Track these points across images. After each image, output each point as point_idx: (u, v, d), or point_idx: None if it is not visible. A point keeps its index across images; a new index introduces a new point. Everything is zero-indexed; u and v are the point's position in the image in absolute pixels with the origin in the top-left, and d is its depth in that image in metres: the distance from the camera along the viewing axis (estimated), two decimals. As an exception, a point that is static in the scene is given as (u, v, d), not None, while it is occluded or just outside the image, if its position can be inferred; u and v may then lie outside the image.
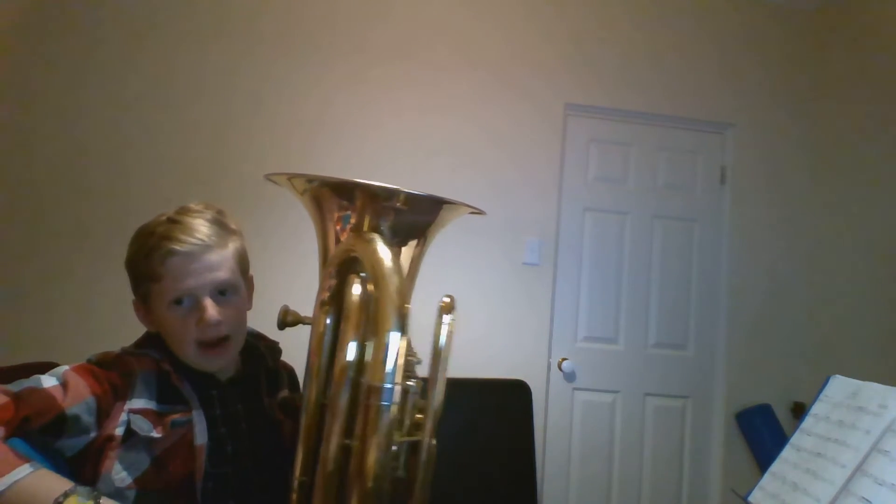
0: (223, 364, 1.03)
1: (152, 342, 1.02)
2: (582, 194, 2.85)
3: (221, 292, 0.99)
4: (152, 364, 0.98)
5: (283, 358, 1.18)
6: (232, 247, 1.02)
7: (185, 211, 1.00)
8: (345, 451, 0.84)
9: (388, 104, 2.69)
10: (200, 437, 0.95)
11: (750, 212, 2.91)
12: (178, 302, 0.96)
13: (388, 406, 0.77)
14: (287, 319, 1.00)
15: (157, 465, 0.92)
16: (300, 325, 1.02)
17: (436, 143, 2.70)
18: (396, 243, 0.92)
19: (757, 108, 2.94)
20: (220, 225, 1.01)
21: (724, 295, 2.88)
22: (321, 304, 0.94)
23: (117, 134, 2.53)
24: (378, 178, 0.90)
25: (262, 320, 1.14)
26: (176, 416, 0.95)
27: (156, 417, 0.93)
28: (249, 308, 1.06)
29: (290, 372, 1.18)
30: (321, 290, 0.94)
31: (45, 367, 0.96)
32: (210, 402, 0.99)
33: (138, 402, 0.94)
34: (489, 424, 1.95)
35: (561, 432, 2.72)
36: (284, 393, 1.13)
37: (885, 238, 2.58)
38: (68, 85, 2.52)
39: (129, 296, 1.03)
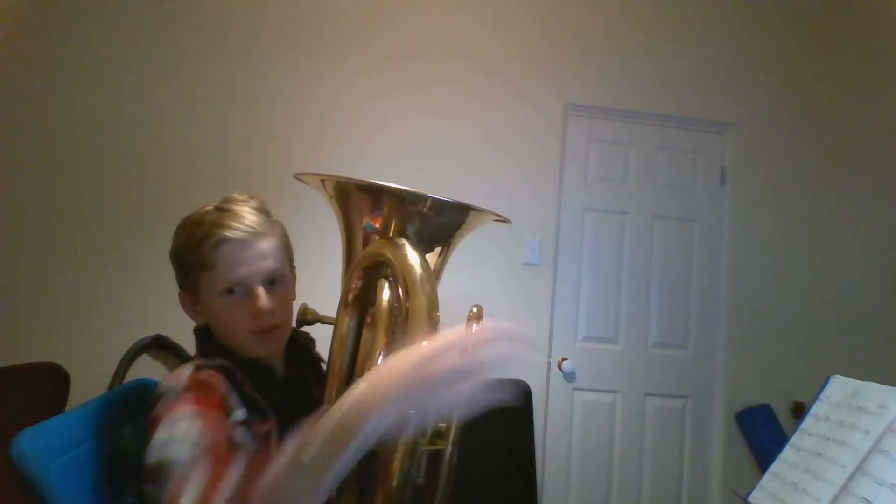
0: (275, 350, 1.01)
1: (212, 348, 0.99)
2: (582, 194, 2.85)
3: (271, 281, 0.98)
4: (224, 378, 0.94)
5: None
6: (279, 235, 1.02)
7: (231, 200, 1.00)
8: (369, 456, 0.83)
9: (389, 104, 2.69)
10: (275, 444, 0.92)
11: (750, 212, 2.91)
12: (230, 291, 0.95)
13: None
14: (306, 318, 1.00)
15: (249, 478, 0.91)
16: (315, 325, 1.02)
17: (436, 142, 2.70)
18: (421, 249, 0.91)
19: (757, 108, 2.94)
20: (266, 213, 1.01)
21: (724, 295, 2.88)
22: (345, 306, 0.93)
23: (117, 132, 2.53)
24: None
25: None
26: (264, 427, 0.93)
27: (250, 425, 0.92)
28: (294, 298, 1.05)
29: (322, 361, 1.16)
30: (345, 291, 0.94)
31: (45, 367, 0.95)
32: (275, 402, 0.97)
33: (236, 415, 0.91)
34: (489, 424, 1.95)
35: (561, 432, 2.72)
36: None
37: (885, 238, 2.58)
38: (68, 83, 2.51)
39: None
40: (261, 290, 0.95)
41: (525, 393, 2.09)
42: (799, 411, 2.74)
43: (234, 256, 0.94)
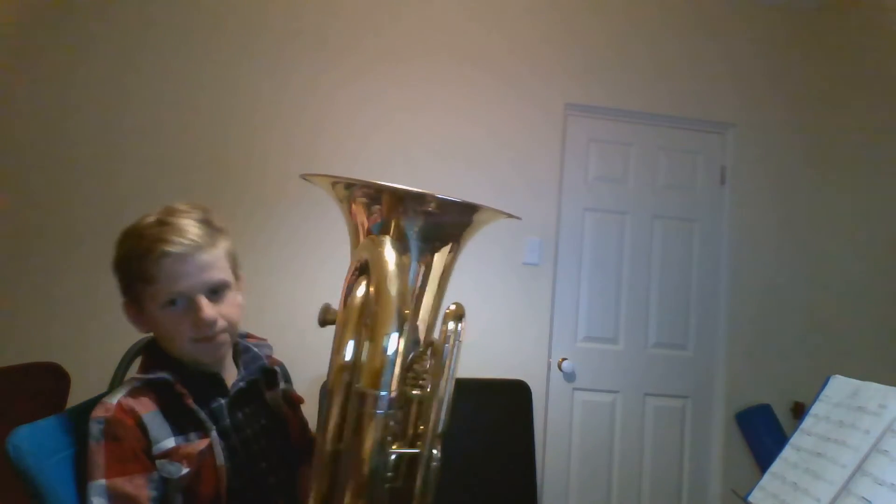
0: (218, 356, 1.03)
1: (157, 360, 1.01)
2: (582, 194, 2.85)
3: (214, 291, 0.99)
4: (155, 399, 0.96)
5: (303, 356, 1.19)
6: (222, 245, 1.02)
7: (172, 212, 1.00)
8: (336, 455, 0.82)
9: (389, 104, 2.69)
10: (220, 457, 0.96)
11: (750, 212, 2.90)
12: (172, 303, 0.96)
13: (382, 414, 0.75)
14: (327, 317, 0.99)
15: (188, 497, 0.93)
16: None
17: (436, 142, 2.70)
18: (429, 249, 0.90)
19: (757, 108, 2.94)
20: (209, 224, 1.01)
21: (724, 295, 2.88)
22: (343, 307, 0.94)
23: (115, 133, 2.53)
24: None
25: (290, 317, 1.14)
26: (199, 446, 0.95)
27: (178, 452, 0.93)
28: (241, 304, 1.05)
29: (281, 366, 1.19)
30: (344, 292, 0.94)
31: (45, 368, 0.96)
32: (218, 412, 0.99)
33: (161, 445, 0.93)
34: (489, 424, 1.95)
35: (561, 432, 2.72)
36: (283, 385, 1.14)
37: (884, 238, 2.58)
38: (64, 87, 2.51)
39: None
40: (203, 301, 0.97)
41: (525, 393, 2.09)
42: (799, 411, 2.74)
43: (175, 270, 0.95)
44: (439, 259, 0.98)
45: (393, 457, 0.84)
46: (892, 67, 2.62)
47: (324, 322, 1.00)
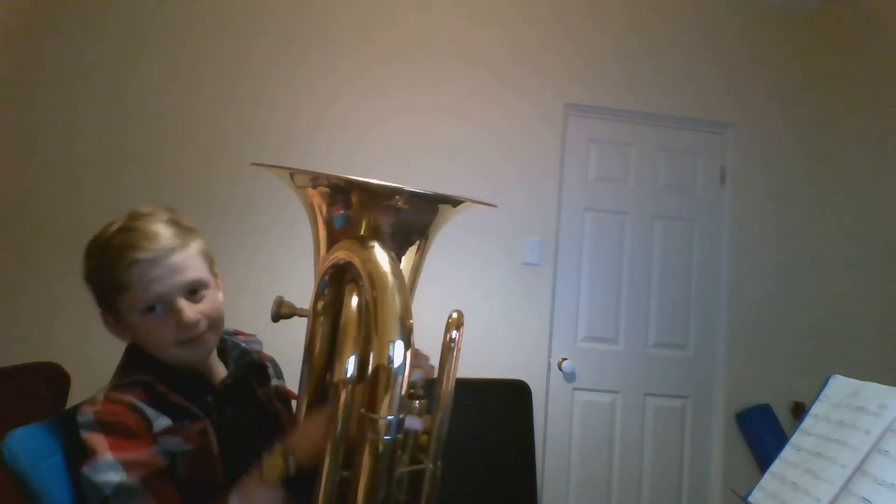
0: (204, 354, 1.01)
1: (137, 363, 0.99)
2: (582, 194, 2.85)
3: (192, 291, 0.97)
4: (142, 393, 0.95)
5: (276, 352, 1.19)
6: (193, 245, 0.99)
7: (137, 216, 0.97)
8: (343, 483, 0.77)
9: (388, 104, 2.69)
10: (215, 445, 0.95)
11: (750, 212, 2.91)
12: (151, 308, 0.94)
13: (391, 439, 0.72)
14: (282, 311, 0.95)
15: (189, 479, 0.92)
16: (292, 319, 0.97)
17: (436, 142, 2.70)
18: (397, 244, 0.86)
19: (757, 108, 2.94)
20: (177, 225, 0.99)
21: (724, 295, 2.88)
22: (314, 315, 0.90)
23: (117, 133, 2.53)
24: (377, 177, 0.88)
25: (256, 315, 1.14)
26: (198, 427, 0.94)
27: (178, 430, 0.93)
28: (222, 301, 1.04)
29: (273, 361, 1.18)
30: (315, 296, 0.90)
31: (45, 367, 0.95)
32: (205, 409, 0.98)
33: (159, 423, 0.92)
34: (489, 424, 1.95)
35: (561, 432, 2.72)
36: (275, 381, 1.13)
37: (884, 238, 2.58)
38: (68, 86, 2.51)
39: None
40: (183, 304, 0.94)
41: (525, 393, 2.09)
42: (799, 411, 2.74)
43: (148, 276, 0.93)
44: (408, 253, 0.94)
45: (402, 476, 0.82)
46: (892, 66, 2.62)
47: (277, 317, 0.96)
